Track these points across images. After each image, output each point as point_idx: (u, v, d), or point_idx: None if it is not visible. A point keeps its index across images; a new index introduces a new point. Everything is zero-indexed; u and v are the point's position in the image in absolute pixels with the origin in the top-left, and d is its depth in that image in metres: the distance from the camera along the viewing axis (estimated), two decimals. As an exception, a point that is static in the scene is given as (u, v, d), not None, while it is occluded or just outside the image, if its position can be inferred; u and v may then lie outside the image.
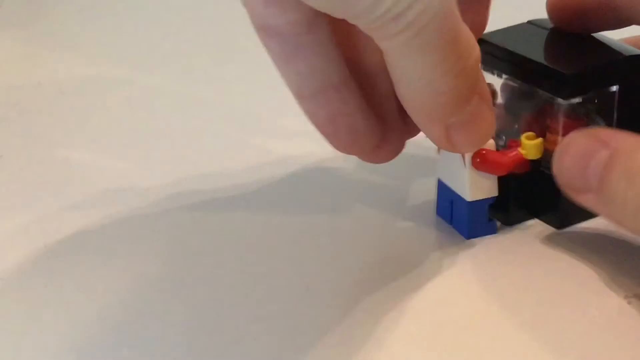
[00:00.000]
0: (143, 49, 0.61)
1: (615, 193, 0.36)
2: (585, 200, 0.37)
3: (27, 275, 0.39)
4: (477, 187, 0.40)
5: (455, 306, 0.37)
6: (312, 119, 0.38)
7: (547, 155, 0.40)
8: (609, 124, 0.40)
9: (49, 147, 0.50)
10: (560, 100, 0.39)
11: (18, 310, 0.38)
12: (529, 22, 0.42)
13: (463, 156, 0.39)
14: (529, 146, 0.40)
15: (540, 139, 0.40)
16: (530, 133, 0.40)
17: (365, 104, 0.38)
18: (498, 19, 0.41)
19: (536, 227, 0.41)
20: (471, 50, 0.34)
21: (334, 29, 0.36)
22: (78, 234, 0.42)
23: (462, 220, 0.41)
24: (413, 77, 0.34)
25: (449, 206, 0.41)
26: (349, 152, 0.39)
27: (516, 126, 0.41)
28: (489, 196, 0.40)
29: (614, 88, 0.40)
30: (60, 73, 0.58)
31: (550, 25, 0.42)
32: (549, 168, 0.39)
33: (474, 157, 0.39)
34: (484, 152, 0.39)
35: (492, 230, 0.41)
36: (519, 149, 0.40)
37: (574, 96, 0.39)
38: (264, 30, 0.35)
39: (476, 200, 0.40)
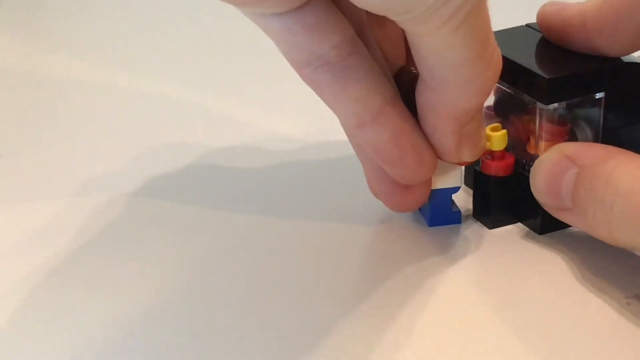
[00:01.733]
0: (143, 49, 0.61)
1: (586, 211, 0.36)
2: (564, 218, 0.38)
3: (27, 276, 0.39)
4: (439, 176, 0.40)
5: (450, 307, 0.37)
6: (375, 148, 0.37)
7: (529, 160, 0.40)
8: (595, 131, 0.40)
9: (49, 147, 0.50)
10: (541, 105, 0.39)
11: (16, 311, 0.38)
12: (527, 25, 0.42)
13: None
14: (493, 137, 0.40)
15: (504, 131, 0.40)
16: (495, 125, 0.40)
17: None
18: (498, 20, 0.41)
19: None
20: (495, 43, 0.35)
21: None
22: (78, 234, 0.42)
23: (426, 207, 0.41)
24: (457, 72, 0.35)
25: None
26: (414, 179, 0.39)
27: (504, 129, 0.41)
28: (452, 186, 0.40)
29: (600, 95, 0.39)
30: (60, 73, 0.58)
31: None
32: None
33: None
34: None
35: (456, 220, 0.41)
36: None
37: (554, 101, 0.39)
38: (312, 64, 0.35)
39: (438, 189, 0.40)
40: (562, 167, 0.38)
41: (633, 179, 0.35)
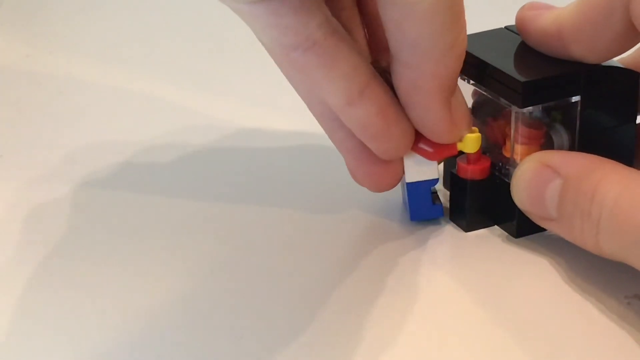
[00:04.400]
0: (142, 49, 0.61)
1: (572, 223, 0.37)
2: (549, 227, 0.39)
3: (26, 276, 0.39)
4: (414, 169, 0.40)
5: (446, 306, 0.37)
6: (364, 125, 0.38)
7: (505, 163, 0.40)
8: (572, 134, 0.39)
9: (49, 147, 0.50)
10: (516, 108, 0.39)
11: (15, 311, 0.38)
12: (506, 27, 0.42)
13: None
14: (467, 139, 0.40)
15: (477, 134, 0.40)
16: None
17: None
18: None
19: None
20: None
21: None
22: (78, 234, 0.42)
23: (407, 201, 0.41)
24: (439, 44, 0.36)
25: (403, 190, 0.42)
26: (397, 153, 0.39)
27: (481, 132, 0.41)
28: (428, 178, 0.41)
29: (576, 98, 0.39)
30: (60, 73, 0.58)
31: None
32: (507, 176, 0.39)
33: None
34: (419, 136, 0.39)
35: (438, 214, 0.41)
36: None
37: (529, 105, 0.39)
38: (301, 46, 0.36)
39: (415, 182, 0.40)
40: (545, 178, 0.38)
41: (618, 192, 0.35)
